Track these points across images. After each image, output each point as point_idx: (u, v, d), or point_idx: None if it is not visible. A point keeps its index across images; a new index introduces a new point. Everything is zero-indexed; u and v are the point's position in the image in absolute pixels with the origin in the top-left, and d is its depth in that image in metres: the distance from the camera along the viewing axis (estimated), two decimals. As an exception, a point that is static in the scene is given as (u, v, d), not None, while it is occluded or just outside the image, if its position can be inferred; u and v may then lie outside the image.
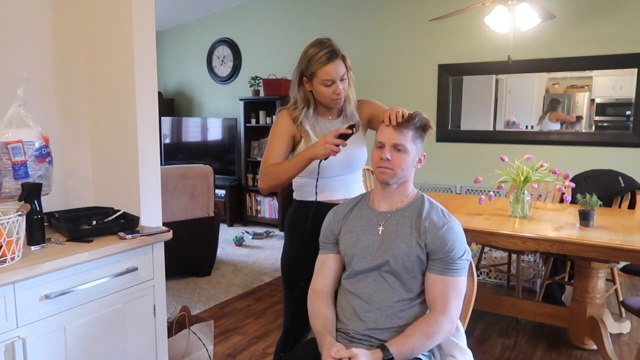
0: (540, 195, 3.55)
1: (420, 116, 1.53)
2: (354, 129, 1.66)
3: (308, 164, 1.73)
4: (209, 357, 2.44)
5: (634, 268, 2.95)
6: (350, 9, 5.18)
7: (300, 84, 1.84)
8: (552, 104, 4.33)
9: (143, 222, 1.95)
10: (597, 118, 4.16)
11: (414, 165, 1.55)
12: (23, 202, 1.52)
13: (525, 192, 2.73)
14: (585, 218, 2.53)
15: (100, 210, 1.93)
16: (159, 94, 6.18)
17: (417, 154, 1.54)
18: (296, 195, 1.98)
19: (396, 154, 1.50)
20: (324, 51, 1.75)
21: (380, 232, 1.53)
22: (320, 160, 1.72)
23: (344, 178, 1.89)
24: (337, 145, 1.63)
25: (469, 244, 2.16)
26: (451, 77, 4.71)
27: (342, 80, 1.78)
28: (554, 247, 2.33)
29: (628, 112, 4.02)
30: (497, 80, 4.52)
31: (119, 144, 2.00)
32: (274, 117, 5.48)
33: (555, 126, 4.33)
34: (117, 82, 1.97)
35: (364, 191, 1.83)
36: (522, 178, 2.69)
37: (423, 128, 1.54)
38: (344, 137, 1.64)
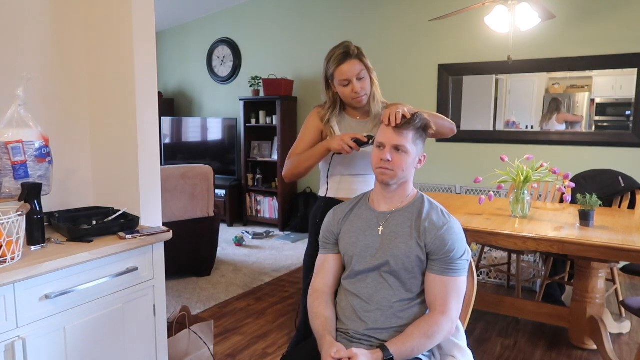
0: (540, 195, 3.55)
1: (420, 117, 1.53)
2: (370, 140, 1.77)
3: (325, 154, 1.89)
4: (210, 356, 2.44)
5: (634, 268, 2.95)
6: (350, 9, 5.18)
7: (328, 86, 1.98)
8: (554, 104, 4.32)
9: (143, 222, 1.95)
10: (597, 118, 4.16)
11: (414, 166, 1.55)
12: (23, 202, 1.52)
13: (525, 192, 2.73)
14: (585, 218, 2.53)
15: (100, 210, 1.93)
16: (159, 94, 6.18)
17: (418, 154, 1.54)
18: (319, 192, 2.11)
19: (396, 155, 1.50)
20: (339, 52, 1.89)
21: (380, 233, 1.54)
22: (334, 154, 1.85)
23: (367, 178, 1.98)
24: (351, 147, 1.77)
25: (469, 244, 2.17)
26: (451, 77, 4.71)
27: (359, 79, 1.88)
28: (554, 247, 2.33)
29: (628, 112, 4.02)
30: (497, 80, 4.52)
31: (119, 144, 2.00)
32: (274, 117, 5.49)
33: (561, 127, 4.32)
34: (117, 82, 1.97)
35: None
36: (522, 178, 2.69)
37: (424, 129, 1.54)
38: (359, 142, 1.77)
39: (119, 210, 1.87)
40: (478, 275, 3.85)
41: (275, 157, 5.59)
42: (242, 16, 5.92)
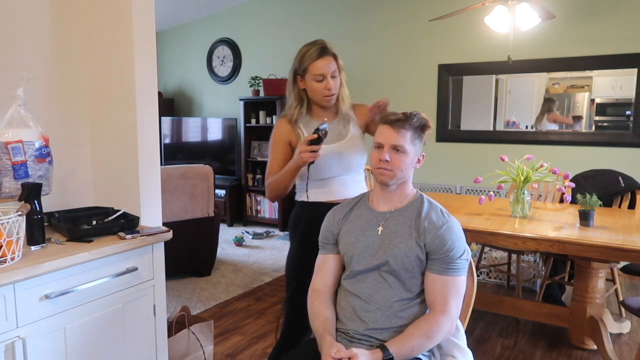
0: (540, 195, 3.55)
1: (418, 116, 1.53)
2: (320, 132, 1.68)
3: (297, 172, 1.81)
4: (210, 356, 2.44)
5: (634, 268, 2.95)
6: (350, 9, 5.18)
7: (294, 83, 1.89)
8: (548, 104, 4.33)
9: (143, 222, 1.95)
10: (597, 118, 4.16)
11: (413, 166, 1.55)
12: (23, 202, 1.52)
13: (525, 192, 2.73)
14: (585, 218, 2.53)
15: (100, 210, 1.93)
16: (159, 94, 6.18)
17: (416, 154, 1.54)
18: (296, 196, 2.04)
19: (395, 155, 1.50)
20: (316, 47, 1.83)
21: (379, 233, 1.54)
22: (308, 165, 1.76)
23: (342, 178, 1.92)
24: (313, 151, 1.69)
25: (469, 244, 2.17)
26: (451, 77, 4.71)
27: (333, 77, 1.85)
28: (554, 247, 2.33)
29: (628, 112, 4.02)
30: (497, 80, 4.52)
31: (119, 143, 2.00)
32: (274, 117, 5.49)
33: (553, 127, 4.34)
34: (117, 82, 1.97)
35: (365, 190, 1.85)
36: (522, 178, 2.69)
37: (422, 128, 1.54)
38: (316, 142, 1.68)
39: (119, 210, 1.87)
40: (478, 275, 3.85)
41: (275, 157, 5.58)
42: (242, 16, 5.92)
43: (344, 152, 1.88)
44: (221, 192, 5.66)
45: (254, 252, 4.70)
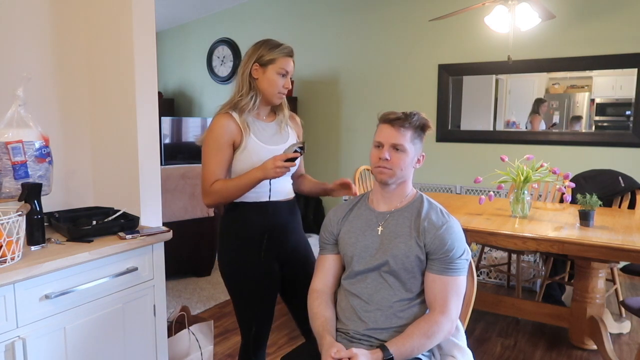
0: (540, 195, 3.55)
1: (418, 116, 1.52)
2: (302, 151, 1.66)
3: (257, 184, 1.68)
4: (211, 356, 2.44)
5: (634, 268, 2.95)
6: (350, 8, 5.18)
7: (249, 71, 1.78)
8: (536, 104, 4.35)
9: (143, 222, 1.95)
10: (597, 118, 4.16)
11: (413, 165, 1.55)
12: (23, 202, 1.52)
13: (525, 192, 2.73)
14: (585, 218, 2.53)
15: (100, 210, 1.93)
16: (159, 94, 6.17)
17: (416, 153, 1.54)
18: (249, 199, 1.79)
19: (395, 154, 1.50)
20: (287, 46, 1.84)
21: (379, 233, 1.53)
22: (271, 180, 1.71)
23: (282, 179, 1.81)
24: (287, 167, 1.63)
25: (469, 244, 2.17)
26: (451, 77, 4.71)
27: (285, 75, 1.82)
28: (554, 247, 2.33)
29: (628, 112, 4.02)
30: (497, 80, 4.52)
31: (119, 144, 2.00)
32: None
33: (541, 126, 4.36)
34: (117, 82, 1.97)
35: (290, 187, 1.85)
36: (522, 178, 2.69)
37: (422, 128, 1.54)
38: (293, 159, 1.64)
39: (119, 210, 1.87)
40: (478, 275, 3.85)
41: (275, 157, 5.58)
42: (242, 16, 5.92)
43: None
44: (221, 192, 5.65)
45: (254, 252, 4.69)
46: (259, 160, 1.70)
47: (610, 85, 4.08)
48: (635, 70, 3.93)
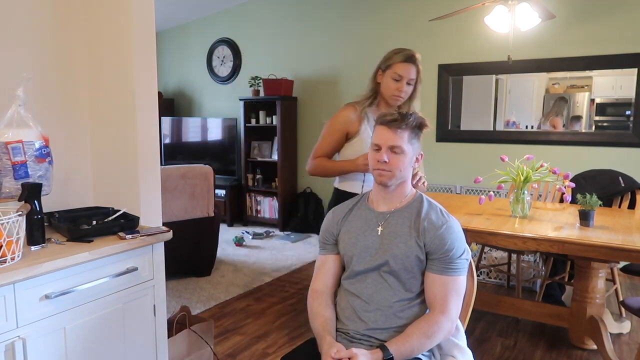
0: (540, 195, 3.55)
1: (414, 115, 1.52)
2: None
3: (347, 173, 2.13)
4: (211, 356, 2.45)
5: (634, 268, 2.95)
6: (350, 9, 5.18)
7: (375, 76, 2.14)
8: (559, 104, 4.27)
9: (143, 222, 1.95)
10: (597, 118, 4.16)
11: (412, 165, 1.55)
12: (23, 202, 1.52)
13: (525, 192, 2.73)
14: (585, 218, 2.53)
15: (100, 210, 1.93)
16: (159, 94, 6.17)
17: (414, 153, 1.54)
18: (339, 185, 2.24)
19: (393, 156, 1.50)
20: (406, 52, 2.07)
21: (379, 233, 1.54)
22: (365, 174, 2.06)
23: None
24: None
25: (469, 243, 2.16)
26: (451, 77, 4.71)
27: (408, 84, 2.06)
28: (554, 247, 2.33)
29: (628, 112, 4.02)
30: (497, 80, 4.52)
31: (119, 144, 2.00)
32: (274, 117, 5.49)
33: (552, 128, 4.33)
34: (117, 82, 1.97)
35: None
36: (522, 178, 2.69)
37: (419, 127, 1.54)
38: None
39: (119, 210, 1.87)
40: (478, 275, 3.85)
41: (275, 157, 5.58)
42: (242, 16, 5.92)
43: None
44: (221, 192, 5.66)
45: (254, 252, 4.70)
46: (365, 151, 1.89)
47: (610, 85, 4.08)
48: (635, 70, 3.93)
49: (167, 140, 6.32)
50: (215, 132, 6.05)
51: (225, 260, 4.41)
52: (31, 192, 1.54)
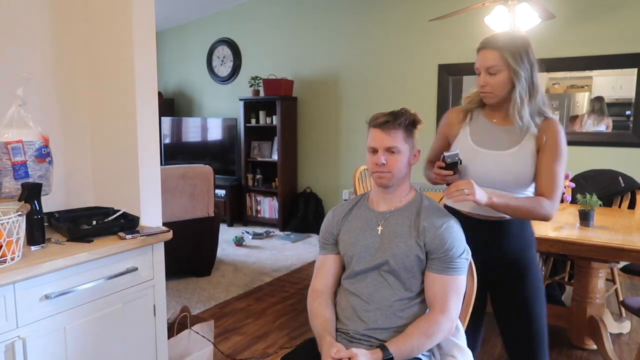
0: (540, 195, 3.54)
1: (407, 114, 1.52)
2: (446, 160, 1.61)
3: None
4: (211, 356, 2.45)
5: (634, 268, 2.95)
6: (350, 9, 5.18)
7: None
8: (598, 103, 4.11)
9: (143, 222, 1.95)
10: (597, 118, 4.16)
11: (410, 163, 1.55)
12: (23, 202, 1.52)
13: (525, 192, 2.72)
14: (585, 218, 2.53)
15: (100, 210, 1.93)
16: (159, 94, 6.17)
17: (411, 151, 1.54)
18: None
19: (390, 157, 1.50)
20: (481, 41, 1.75)
21: (379, 232, 1.54)
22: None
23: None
24: (443, 175, 1.63)
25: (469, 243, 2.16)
26: (451, 77, 4.71)
27: (490, 74, 1.69)
28: (554, 247, 2.33)
29: (628, 112, 4.02)
30: (497, 80, 4.51)
31: (119, 144, 2.00)
32: (274, 117, 5.49)
33: (602, 127, 4.16)
34: (117, 82, 1.97)
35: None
36: (522, 178, 2.69)
37: (412, 124, 1.54)
38: (447, 167, 1.62)
39: (119, 210, 1.87)
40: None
41: (275, 157, 5.58)
42: (242, 16, 5.92)
43: (491, 164, 1.66)
44: (221, 192, 5.66)
45: (254, 252, 4.70)
46: (468, 162, 1.67)
47: (610, 85, 4.08)
48: (635, 70, 3.93)
49: (167, 140, 6.32)
50: (215, 132, 6.04)
51: (225, 260, 4.41)
52: (31, 192, 1.54)
